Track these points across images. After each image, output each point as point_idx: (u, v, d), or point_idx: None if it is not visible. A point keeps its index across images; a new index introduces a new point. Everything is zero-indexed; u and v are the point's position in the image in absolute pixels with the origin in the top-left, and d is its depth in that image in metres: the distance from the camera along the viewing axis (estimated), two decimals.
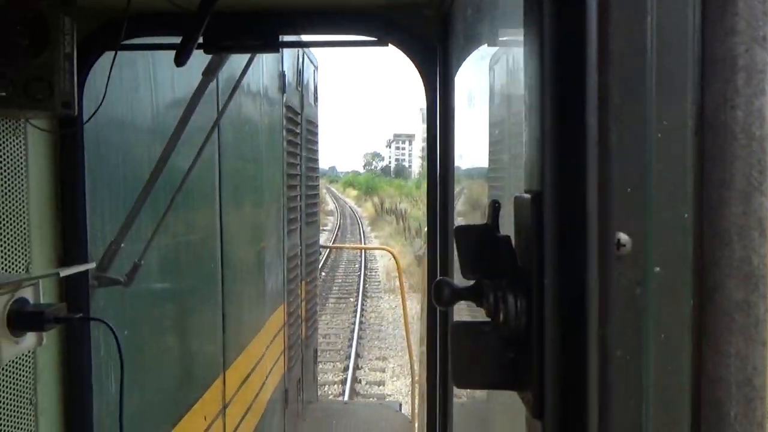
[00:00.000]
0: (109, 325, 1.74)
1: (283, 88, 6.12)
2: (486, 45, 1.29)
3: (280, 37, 1.89)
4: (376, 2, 1.77)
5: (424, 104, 1.82)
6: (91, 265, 1.91)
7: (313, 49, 7.89)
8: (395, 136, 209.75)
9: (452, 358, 0.72)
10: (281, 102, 6.12)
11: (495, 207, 0.72)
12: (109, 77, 1.80)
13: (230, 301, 4.21)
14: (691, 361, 0.58)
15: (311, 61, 7.85)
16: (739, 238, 0.56)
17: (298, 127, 6.84)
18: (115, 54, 1.76)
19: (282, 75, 6.09)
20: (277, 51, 1.88)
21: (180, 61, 1.65)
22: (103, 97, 1.82)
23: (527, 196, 0.63)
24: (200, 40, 1.82)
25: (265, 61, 5.28)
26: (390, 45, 1.84)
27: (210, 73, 2.05)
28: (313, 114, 7.92)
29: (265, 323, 5.47)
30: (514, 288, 0.65)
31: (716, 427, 0.55)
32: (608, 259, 0.53)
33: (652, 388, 0.55)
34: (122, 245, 2.10)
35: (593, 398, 0.52)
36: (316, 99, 8.24)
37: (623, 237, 0.54)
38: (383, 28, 1.81)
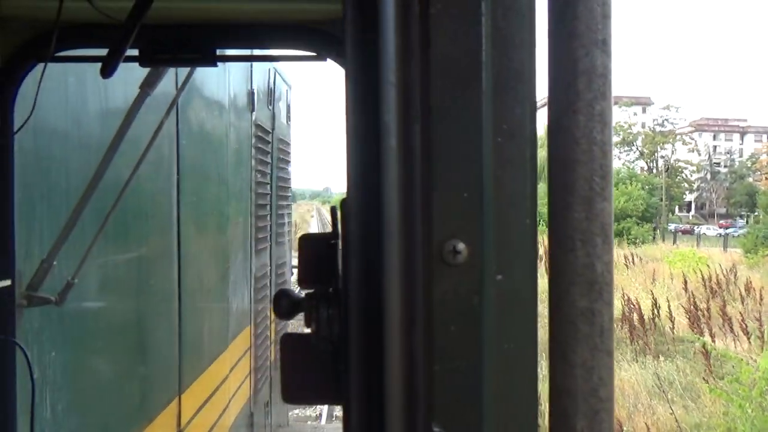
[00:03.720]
0: (20, 345, 1.66)
1: (252, 107, 6.10)
2: None
3: (219, 50, 1.87)
4: (313, 17, 1.75)
5: None
6: (6, 282, 1.83)
7: (288, 69, 7.91)
8: None
9: (282, 372, 0.68)
10: (250, 120, 6.10)
11: (333, 212, 0.69)
12: (38, 89, 1.75)
13: (188, 322, 4.11)
14: (540, 372, 0.55)
15: (284, 81, 7.86)
16: (582, 245, 0.54)
17: (269, 146, 6.81)
18: (45, 66, 1.72)
19: (251, 93, 6.07)
20: (214, 65, 1.84)
21: (106, 72, 1.61)
22: (32, 110, 1.77)
23: (340, 200, 0.61)
24: (136, 52, 1.79)
25: (232, 79, 5.26)
26: (329, 60, 1.83)
27: (148, 86, 2.01)
28: (285, 133, 7.90)
29: (229, 345, 5.35)
30: (329, 296, 0.62)
31: None
32: (437, 266, 0.51)
33: (494, 400, 0.52)
34: (54, 263, 2.03)
35: (394, 416, 0.49)
36: (288, 118, 8.24)
37: (459, 245, 0.52)
38: (321, 42, 1.80)
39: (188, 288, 4.07)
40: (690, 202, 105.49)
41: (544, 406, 0.59)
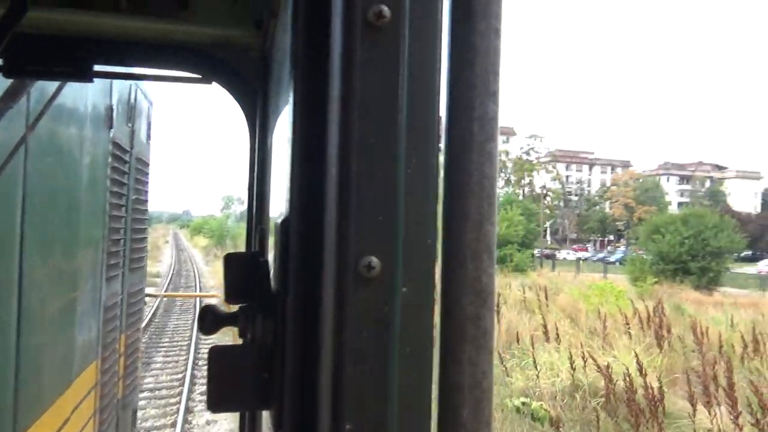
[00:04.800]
0: None
1: (110, 123, 5.71)
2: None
3: (95, 66, 1.78)
4: (199, 39, 1.75)
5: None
6: None
7: (149, 85, 7.52)
8: None
9: (210, 383, 0.72)
10: (107, 138, 5.70)
11: (261, 233, 0.76)
12: None
13: (27, 359, 3.67)
14: (435, 370, 0.65)
15: (145, 97, 7.46)
16: (472, 260, 0.65)
17: (126, 165, 6.40)
18: None
19: (109, 109, 5.69)
20: (90, 81, 1.74)
21: None
22: None
23: (279, 220, 0.68)
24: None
25: (90, 92, 4.91)
26: (214, 83, 1.83)
27: (11, 98, 1.84)
28: (144, 152, 7.47)
29: (72, 383, 4.84)
30: (264, 309, 0.68)
31: (452, 427, 0.62)
32: (357, 280, 0.59)
33: (397, 396, 0.61)
34: None
35: (325, 407, 0.56)
36: (149, 136, 7.81)
37: (374, 260, 0.61)
38: (207, 65, 1.80)
39: (29, 320, 3.65)
40: (546, 228, 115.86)
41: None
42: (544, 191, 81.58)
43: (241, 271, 0.78)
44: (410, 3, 0.62)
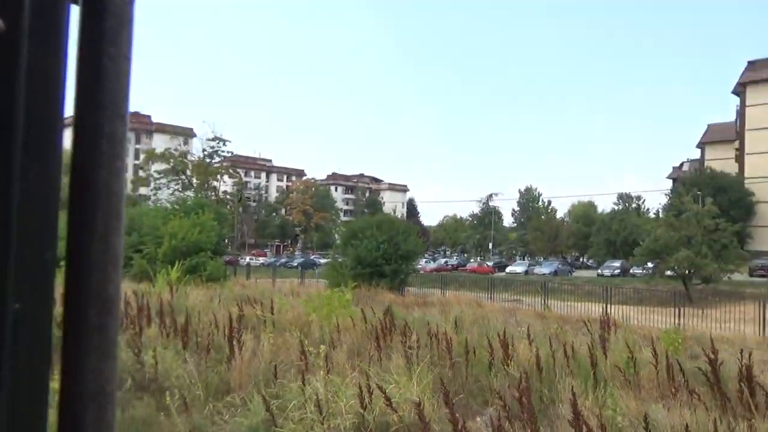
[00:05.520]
0: None
1: None
2: None
3: None
4: None
5: None
6: None
7: None
8: None
9: None
10: None
11: None
12: None
13: None
14: (58, 382, 0.66)
15: None
16: (97, 272, 0.68)
17: None
18: None
19: None
20: None
21: None
22: None
23: None
24: None
25: None
26: None
27: None
28: None
29: None
30: None
31: None
32: None
33: (9, 411, 0.60)
34: None
35: None
36: None
37: None
38: None
39: None
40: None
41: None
42: (238, 196, 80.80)
43: None
44: (30, 20, 0.62)
